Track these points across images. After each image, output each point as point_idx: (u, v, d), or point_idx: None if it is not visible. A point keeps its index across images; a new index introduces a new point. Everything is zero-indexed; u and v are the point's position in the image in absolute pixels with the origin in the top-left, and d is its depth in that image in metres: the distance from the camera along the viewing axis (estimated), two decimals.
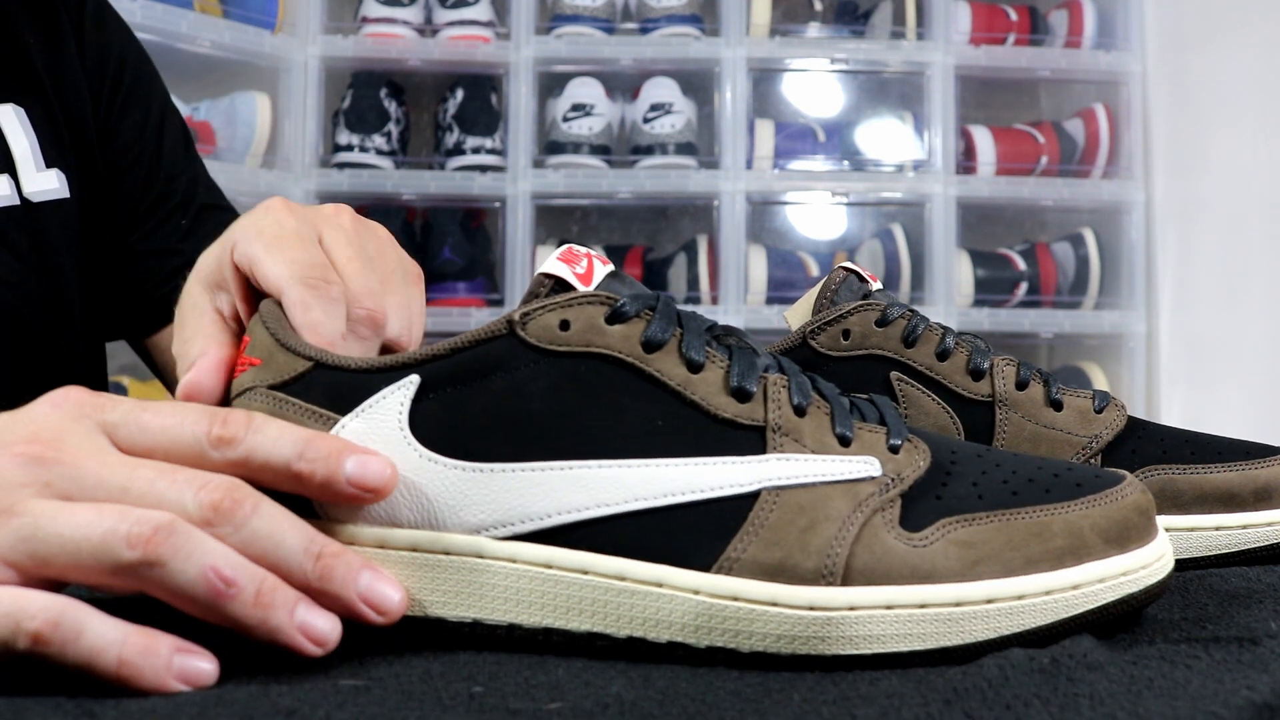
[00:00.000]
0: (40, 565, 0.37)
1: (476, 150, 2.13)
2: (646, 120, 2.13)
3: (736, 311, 2.08)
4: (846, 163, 2.20)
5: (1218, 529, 0.57)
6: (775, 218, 2.31)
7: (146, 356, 0.91)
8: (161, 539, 0.36)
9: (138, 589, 0.37)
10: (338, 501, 0.41)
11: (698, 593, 0.39)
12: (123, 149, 0.86)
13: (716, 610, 0.39)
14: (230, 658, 0.37)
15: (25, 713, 0.33)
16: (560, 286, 0.42)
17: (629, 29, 2.18)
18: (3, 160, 0.77)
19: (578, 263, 0.43)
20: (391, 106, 2.17)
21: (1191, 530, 0.57)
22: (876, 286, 0.63)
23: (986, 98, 2.28)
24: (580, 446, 0.40)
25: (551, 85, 2.18)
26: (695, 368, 0.42)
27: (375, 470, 0.40)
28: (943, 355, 0.60)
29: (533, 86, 2.13)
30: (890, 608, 0.39)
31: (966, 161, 2.19)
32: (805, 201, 2.27)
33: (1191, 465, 0.58)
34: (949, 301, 2.11)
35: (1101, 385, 2.12)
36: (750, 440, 0.41)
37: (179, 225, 0.87)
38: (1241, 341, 1.91)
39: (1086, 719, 0.31)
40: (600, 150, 2.13)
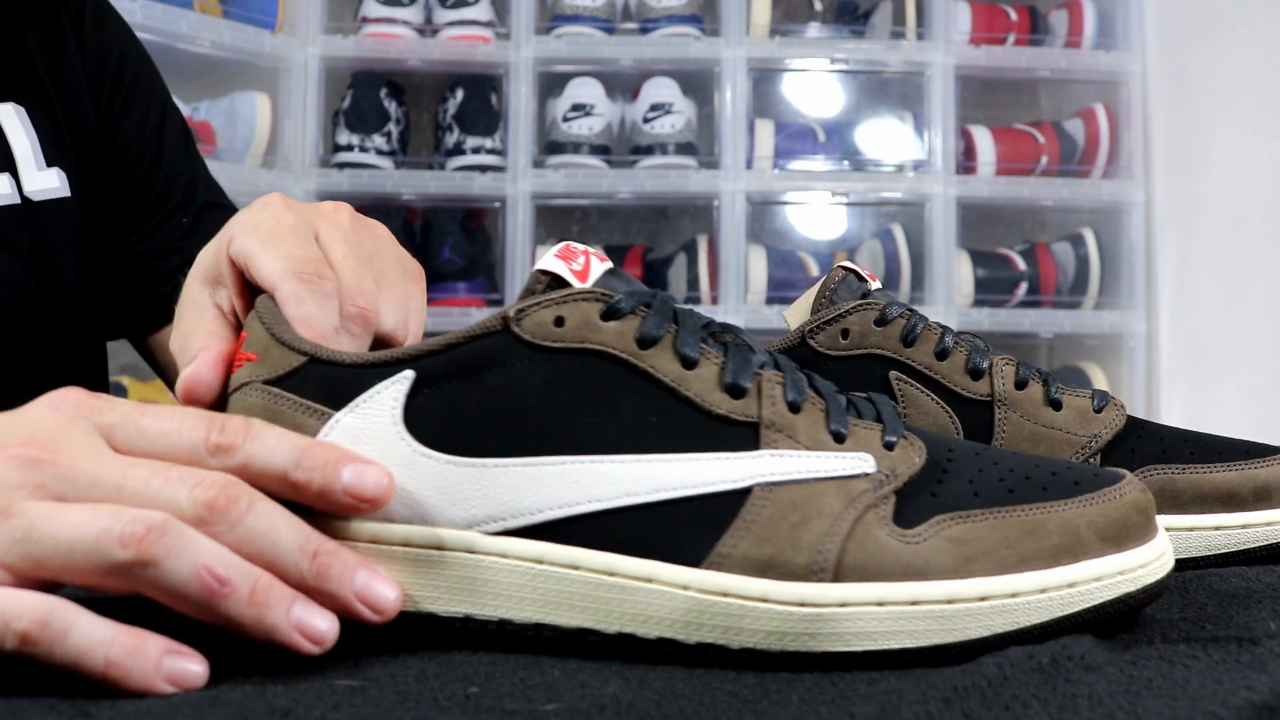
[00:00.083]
0: (35, 566, 0.37)
1: (476, 150, 2.13)
2: (646, 120, 2.13)
3: (736, 311, 2.08)
4: (846, 163, 2.19)
5: (1217, 529, 0.57)
6: (775, 218, 2.30)
7: (148, 355, 0.91)
8: (155, 538, 0.36)
9: (133, 589, 0.37)
10: (334, 510, 0.40)
11: (687, 588, 0.39)
12: (123, 148, 0.86)
13: (706, 606, 0.39)
14: (225, 658, 0.37)
15: (21, 713, 0.33)
16: (557, 283, 0.42)
17: (629, 29, 2.18)
18: (3, 159, 0.77)
19: (575, 260, 0.43)
20: (391, 106, 2.17)
21: (1191, 530, 0.57)
22: (875, 286, 0.63)
23: (986, 98, 2.28)
24: (573, 442, 0.40)
25: (551, 85, 2.18)
26: (689, 364, 0.41)
27: (372, 480, 0.40)
28: (942, 355, 0.59)
29: (533, 86, 2.13)
30: (882, 605, 0.38)
31: (966, 161, 2.19)
32: (805, 201, 2.27)
33: (1191, 465, 0.58)
34: (949, 301, 2.11)
35: (1101, 385, 2.12)
36: (744, 436, 0.41)
37: (180, 224, 0.87)
38: (1241, 341, 1.91)
39: (1085, 719, 0.31)
40: (600, 150, 2.13)
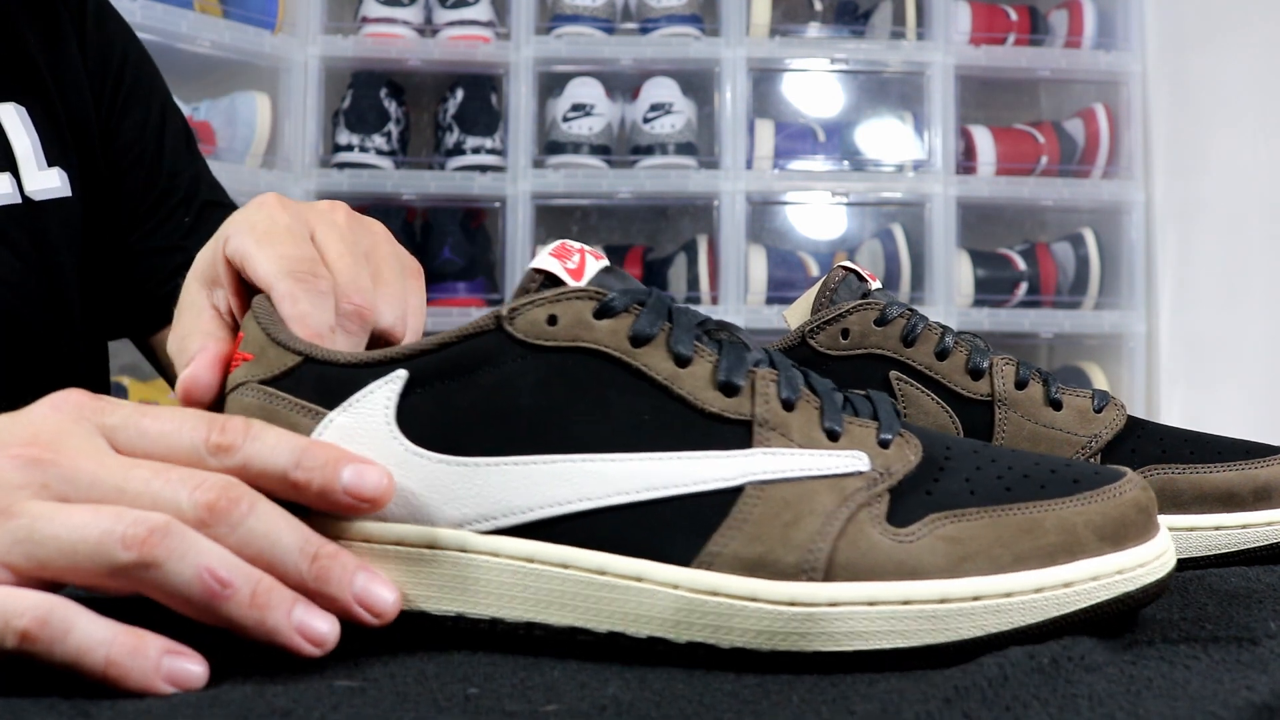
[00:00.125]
0: (37, 567, 0.37)
1: (476, 150, 2.13)
2: (646, 120, 2.13)
3: (736, 311, 2.08)
4: (846, 163, 2.19)
5: (1217, 529, 0.57)
6: (775, 218, 2.30)
7: (151, 355, 0.91)
8: (156, 540, 0.36)
9: (134, 590, 0.37)
10: (334, 510, 0.40)
11: (677, 587, 0.39)
12: (125, 147, 0.86)
13: (695, 605, 0.39)
14: (225, 659, 0.37)
15: (21, 713, 0.33)
16: (551, 282, 0.42)
17: (629, 29, 2.18)
18: (5, 159, 0.77)
19: (569, 258, 0.43)
20: (391, 106, 2.17)
21: (1191, 530, 0.57)
22: (876, 286, 0.63)
23: (986, 98, 2.28)
24: (565, 441, 0.40)
25: (551, 85, 2.18)
26: (683, 362, 0.41)
27: (372, 480, 0.40)
28: (942, 354, 0.59)
29: (533, 86, 2.13)
30: (873, 604, 0.38)
31: (966, 161, 2.19)
32: (805, 201, 2.27)
33: (1191, 465, 0.58)
34: (949, 301, 2.11)
35: (1101, 385, 2.12)
36: (737, 435, 0.40)
37: (181, 223, 0.87)
38: (1241, 341, 1.91)
39: (1086, 719, 0.31)
40: (600, 150, 2.13)
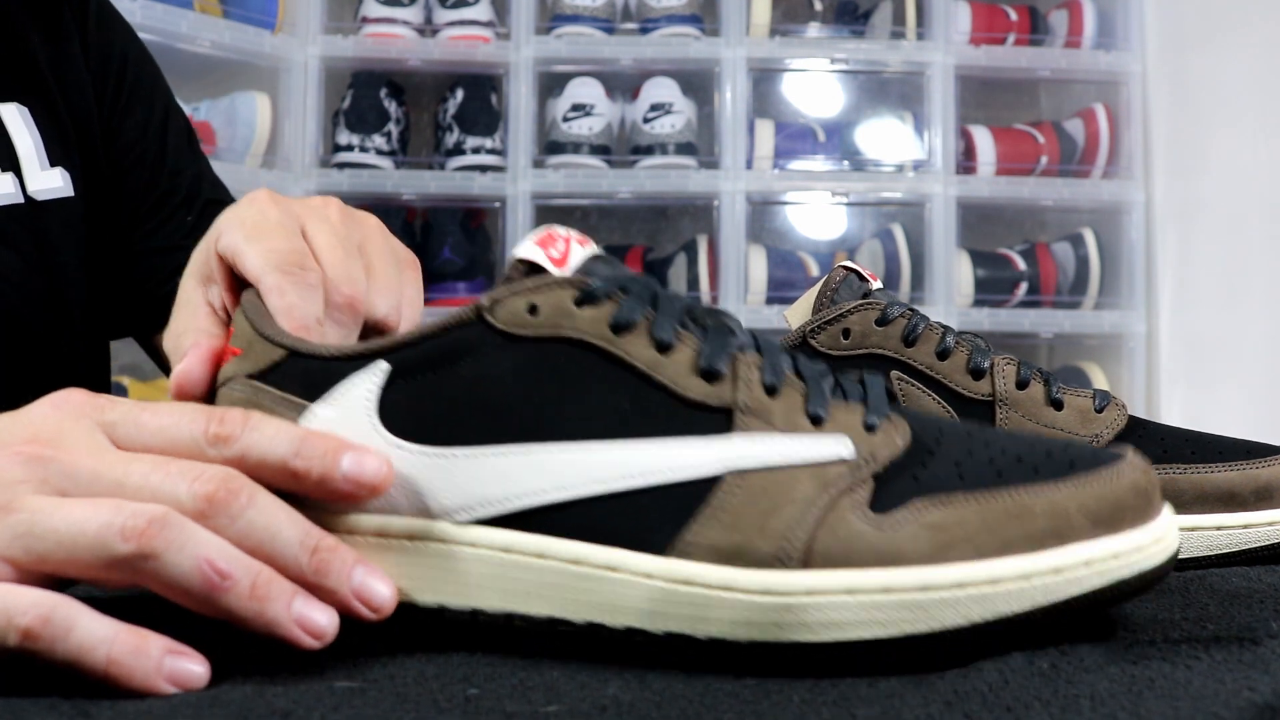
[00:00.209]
0: (37, 561, 0.37)
1: (476, 150, 2.13)
2: (646, 120, 2.13)
3: (736, 311, 2.08)
4: (846, 163, 2.19)
5: (1218, 529, 0.57)
6: (775, 218, 2.30)
7: (154, 355, 0.91)
8: (155, 531, 0.36)
9: (134, 583, 0.37)
10: (334, 499, 0.40)
11: (651, 577, 0.38)
12: (127, 147, 0.86)
13: (670, 595, 0.38)
14: (225, 658, 0.37)
15: (21, 713, 0.33)
16: (536, 272, 0.41)
17: (629, 29, 2.18)
18: (7, 159, 0.77)
19: (554, 246, 0.42)
20: (391, 106, 2.17)
21: (1192, 530, 0.57)
22: (877, 286, 0.63)
23: (986, 98, 2.27)
24: (544, 431, 0.40)
25: (551, 85, 2.18)
26: (664, 349, 0.40)
27: (371, 467, 0.40)
28: (943, 354, 0.59)
29: (533, 86, 2.13)
30: (852, 593, 0.37)
31: (966, 161, 2.18)
32: (805, 201, 2.26)
33: (1192, 465, 0.58)
34: (949, 301, 2.11)
35: (1101, 385, 2.12)
36: (717, 422, 0.39)
37: (184, 222, 0.87)
38: (1241, 341, 1.91)
39: (1087, 719, 0.31)
40: (600, 150, 2.13)
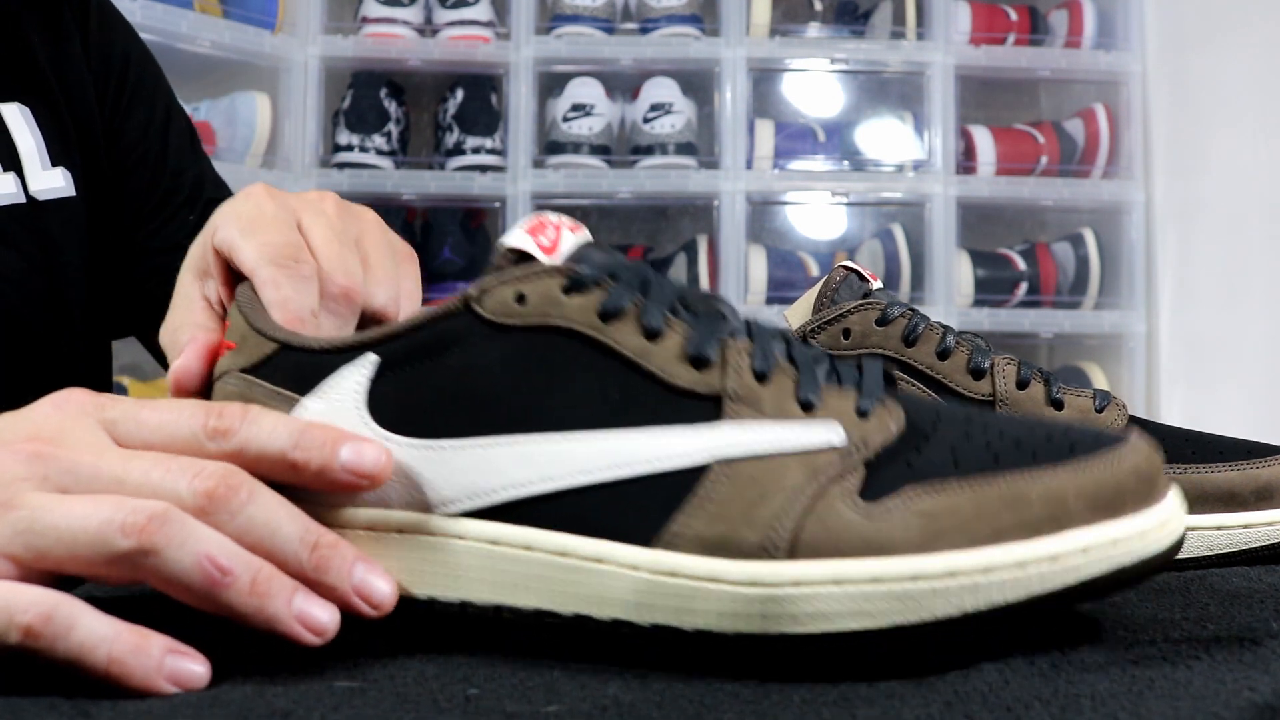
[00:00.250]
0: (38, 557, 0.37)
1: (476, 150, 2.13)
2: (646, 120, 2.13)
3: None
4: (846, 163, 2.19)
5: (1219, 528, 0.57)
6: (775, 218, 2.30)
7: (157, 353, 0.91)
8: (155, 527, 0.36)
9: (135, 579, 0.37)
10: (334, 490, 0.40)
11: (637, 569, 0.37)
12: (129, 147, 0.86)
13: (656, 587, 0.37)
14: (225, 658, 0.37)
15: (21, 713, 0.33)
16: (525, 260, 0.41)
17: (629, 29, 2.18)
18: (9, 159, 0.77)
19: (544, 233, 0.41)
20: (391, 106, 2.17)
21: (1192, 530, 0.57)
22: (877, 286, 0.63)
23: (986, 98, 2.27)
24: (531, 422, 0.39)
25: (551, 85, 2.18)
26: (653, 336, 0.40)
27: (370, 456, 0.40)
28: (943, 354, 0.59)
29: (533, 86, 2.13)
30: (839, 583, 0.36)
31: (966, 161, 2.18)
32: (805, 201, 2.26)
33: (1192, 465, 0.58)
34: (949, 301, 2.11)
35: (1101, 385, 2.12)
36: (706, 410, 0.39)
37: (186, 222, 0.87)
38: (1241, 341, 1.91)
39: (1088, 719, 0.31)
40: (600, 150, 2.13)
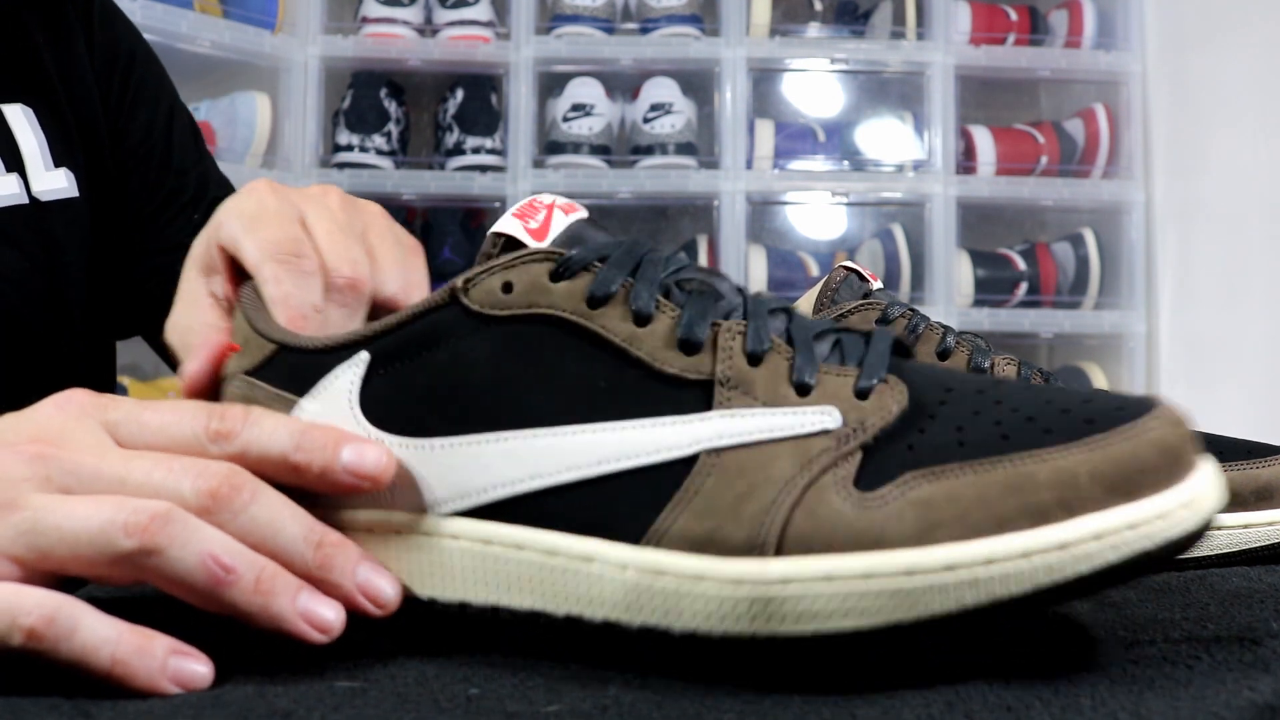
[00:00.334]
0: (40, 558, 0.37)
1: (476, 150, 2.13)
2: (646, 120, 2.13)
3: None
4: (846, 163, 2.19)
5: (1219, 528, 0.57)
6: (775, 218, 2.30)
7: (163, 353, 0.91)
8: (158, 527, 0.36)
9: (138, 579, 0.37)
10: (336, 491, 0.40)
11: (626, 568, 0.36)
12: (133, 147, 0.86)
13: (644, 587, 0.36)
14: (226, 658, 0.37)
15: (21, 713, 0.33)
16: (514, 246, 0.40)
17: (629, 29, 2.18)
18: (11, 159, 0.77)
19: (534, 216, 0.40)
20: (391, 106, 2.17)
21: None
22: (877, 286, 0.63)
23: (986, 98, 2.27)
24: (519, 416, 0.38)
25: (551, 85, 2.18)
26: (643, 320, 0.38)
27: (372, 458, 0.40)
28: (944, 355, 0.59)
29: (533, 86, 2.13)
30: (830, 580, 0.34)
31: (966, 161, 2.19)
32: (805, 201, 2.26)
33: None
34: (949, 301, 2.11)
35: (1102, 385, 2.12)
36: (695, 398, 0.37)
37: (191, 220, 0.87)
38: (1241, 341, 1.91)
39: (1088, 719, 0.31)
40: (600, 150, 2.13)
